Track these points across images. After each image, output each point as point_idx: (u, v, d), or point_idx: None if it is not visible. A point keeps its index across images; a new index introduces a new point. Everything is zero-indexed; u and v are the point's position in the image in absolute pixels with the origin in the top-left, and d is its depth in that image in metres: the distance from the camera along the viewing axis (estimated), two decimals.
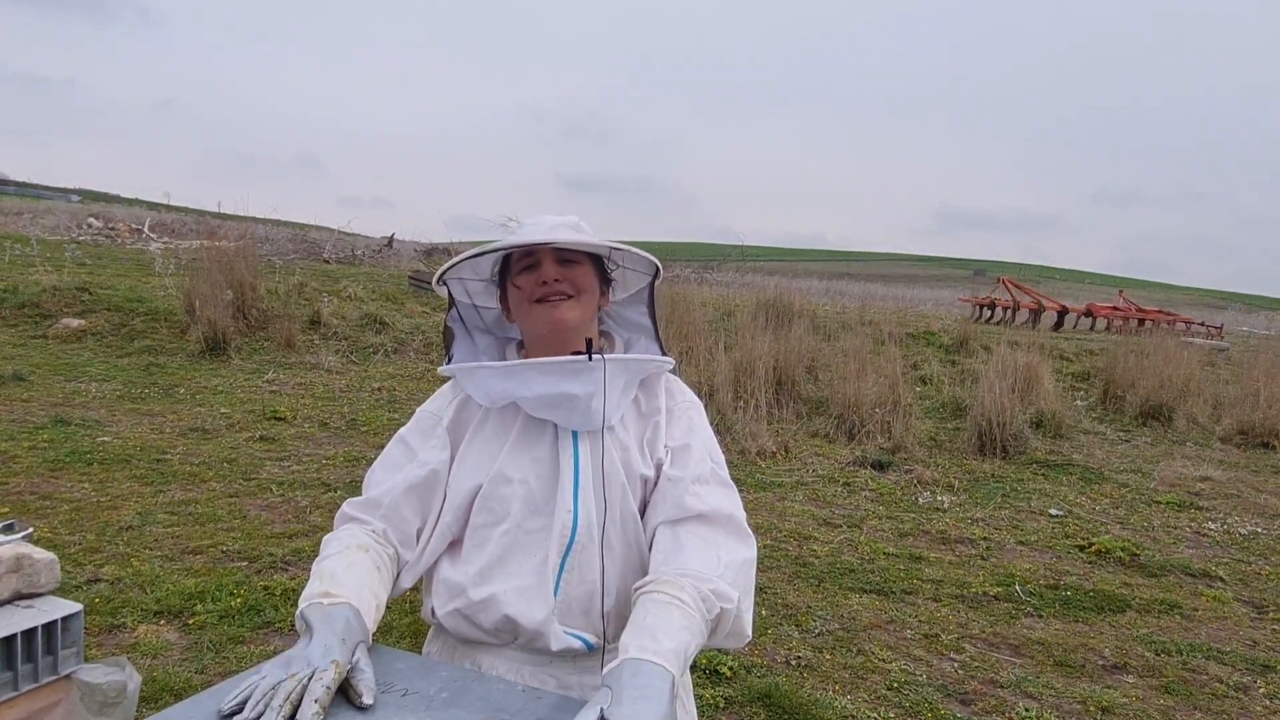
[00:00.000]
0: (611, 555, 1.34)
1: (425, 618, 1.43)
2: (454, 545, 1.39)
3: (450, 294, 1.47)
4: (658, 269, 1.46)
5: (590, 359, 1.33)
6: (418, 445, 1.40)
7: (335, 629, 1.12)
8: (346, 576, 1.23)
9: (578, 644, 1.33)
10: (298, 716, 1.00)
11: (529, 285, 1.38)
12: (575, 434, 1.37)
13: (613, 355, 1.36)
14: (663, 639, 1.11)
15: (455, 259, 1.42)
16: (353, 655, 1.11)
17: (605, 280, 1.47)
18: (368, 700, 1.07)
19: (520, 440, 1.37)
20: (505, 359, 1.46)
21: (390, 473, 1.39)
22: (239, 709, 1.01)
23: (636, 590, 1.24)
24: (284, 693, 1.02)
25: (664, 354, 1.47)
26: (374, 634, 1.23)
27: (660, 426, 1.41)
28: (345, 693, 1.08)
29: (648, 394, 1.45)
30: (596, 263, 1.44)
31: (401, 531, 1.36)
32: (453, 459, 1.39)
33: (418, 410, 1.45)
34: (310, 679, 1.04)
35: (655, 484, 1.38)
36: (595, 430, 1.37)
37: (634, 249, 1.41)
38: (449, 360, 1.46)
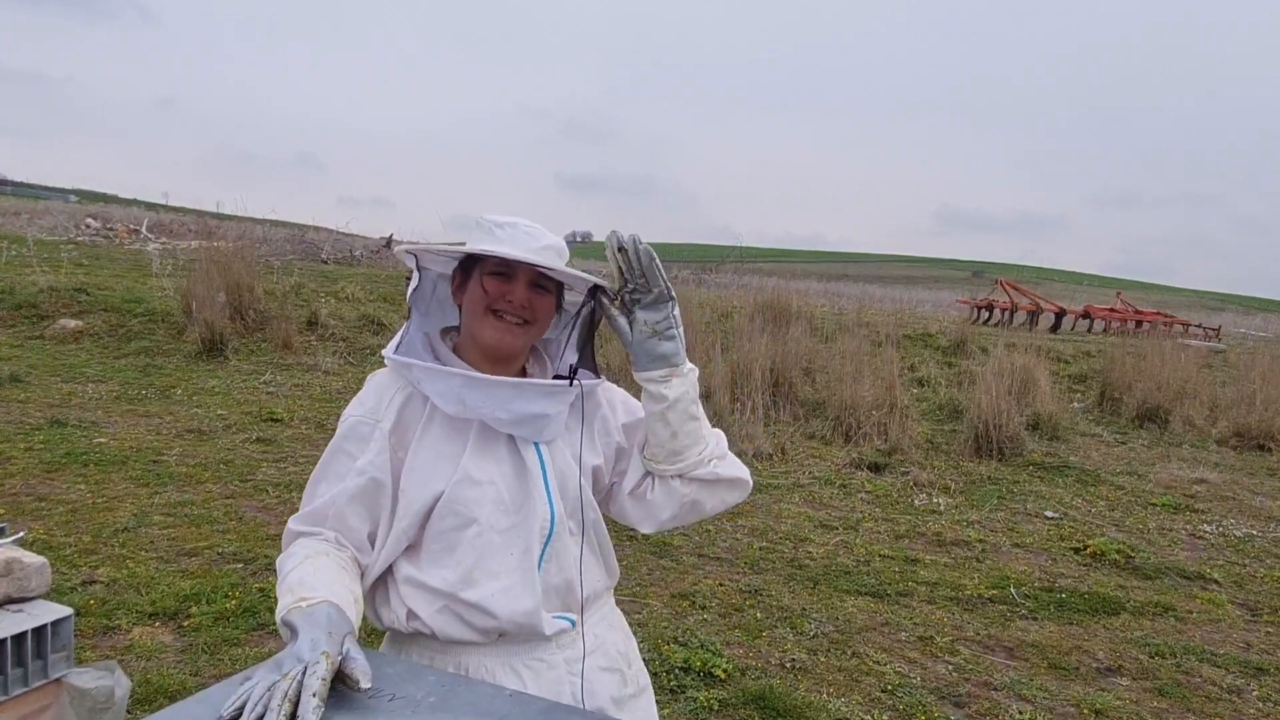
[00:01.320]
0: (577, 542, 1.44)
1: (394, 625, 1.40)
2: (411, 549, 1.39)
3: (418, 264, 1.46)
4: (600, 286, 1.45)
5: (571, 384, 1.40)
6: (356, 452, 1.37)
7: (319, 624, 1.12)
8: (316, 579, 1.22)
9: (566, 624, 1.41)
10: (299, 713, 1.01)
11: (496, 294, 1.39)
12: None
13: (589, 381, 1.44)
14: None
15: (441, 246, 1.43)
16: (342, 646, 1.11)
17: (560, 301, 1.50)
18: (365, 684, 1.08)
19: (480, 443, 1.39)
20: (434, 349, 1.45)
21: (331, 485, 1.37)
22: (237, 714, 1.01)
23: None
24: (281, 692, 1.02)
25: (596, 369, 1.50)
26: (361, 631, 1.23)
27: (607, 419, 1.52)
28: (344, 682, 1.09)
29: (586, 395, 1.51)
30: (559, 286, 1.47)
31: (352, 539, 1.36)
32: (401, 460, 1.38)
33: (348, 415, 1.41)
34: (304, 674, 1.04)
35: (615, 462, 1.53)
36: (553, 439, 1.44)
37: (602, 282, 1.41)
38: (401, 349, 1.41)
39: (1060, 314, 19.94)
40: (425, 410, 1.40)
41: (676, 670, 3.36)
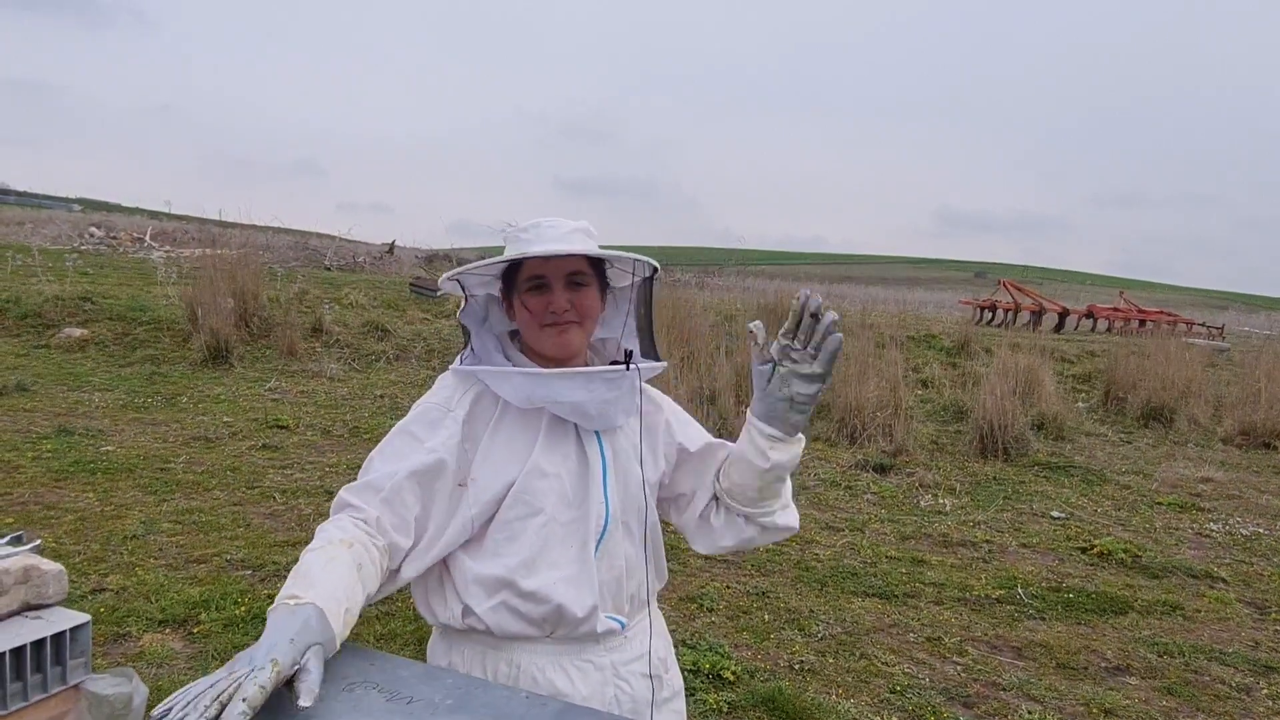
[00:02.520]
0: (633, 542, 1.46)
1: (449, 622, 1.41)
2: (471, 543, 1.40)
3: (463, 287, 1.50)
4: (656, 269, 1.51)
5: (627, 369, 1.43)
6: (424, 435, 1.39)
7: (287, 630, 1.08)
8: (320, 575, 1.19)
9: (616, 625, 1.43)
10: (224, 715, 0.96)
11: (539, 309, 1.43)
12: (597, 431, 1.47)
13: (645, 364, 1.46)
14: None
15: (474, 264, 1.45)
16: (302, 656, 1.06)
17: (605, 288, 1.52)
18: (304, 702, 1.02)
19: (549, 437, 1.43)
20: (507, 354, 1.49)
21: (388, 461, 1.37)
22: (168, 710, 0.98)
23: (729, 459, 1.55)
24: (215, 692, 0.98)
25: (655, 352, 1.56)
26: (374, 641, 1.24)
27: (669, 425, 1.57)
28: (288, 693, 1.04)
29: (645, 397, 1.54)
30: (600, 274, 1.49)
31: (399, 517, 1.33)
32: (470, 452, 1.40)
33: (420, 404, 1.44)
34: (245, 678, 1.00)
35: (677, 466, 1.57)
36: (615, 428, 1.48)
37: (643, 258, 1.47)
38: (468, 360, 1.47)
39: (1063, 314, 19.91)
40: (497, 407, 1.43)
41: (685, 672, 3.34)
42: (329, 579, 1.19)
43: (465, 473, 1.39)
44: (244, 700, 0.97)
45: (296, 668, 1.05)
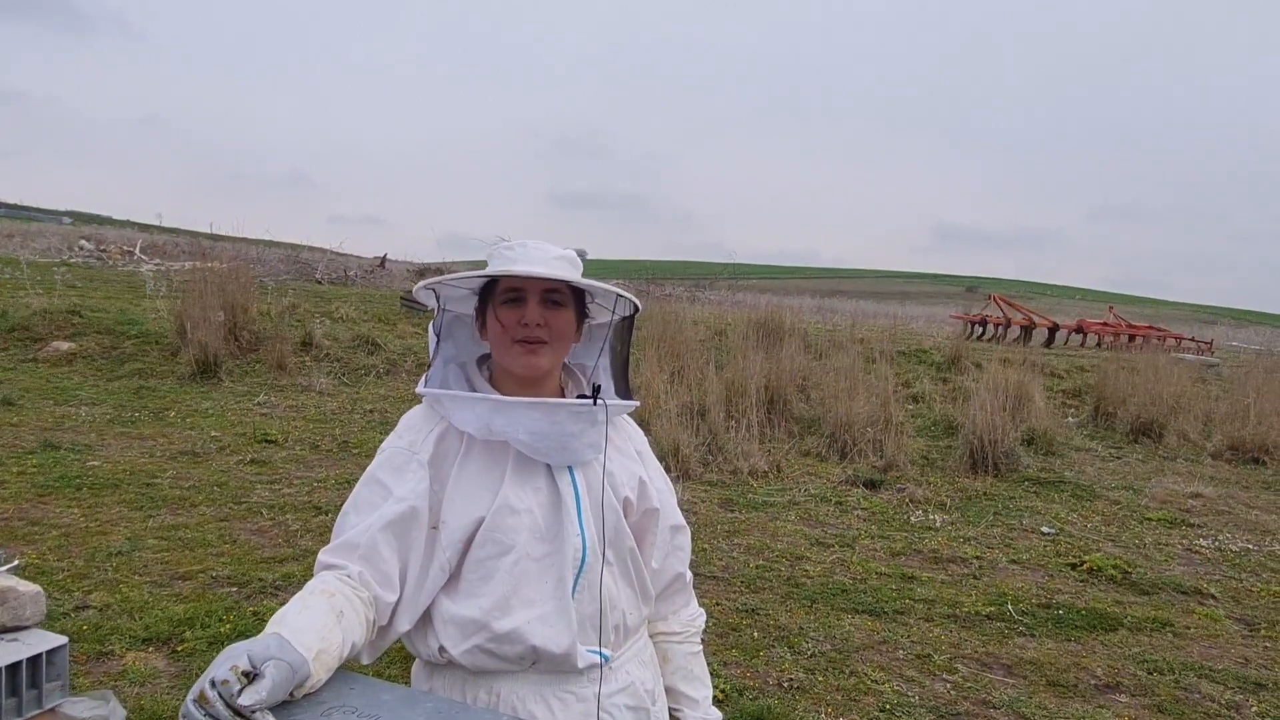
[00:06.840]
0: (612, 572, 1.42)
1: (428, 658, 1.40)
2: (450, 582, 1.38)
3: (438, 298, 1.48)
4: (637, 307, 1.50)
5: (595, 403, 1.39)
6: (392, 483, 1.37)
7: (239, 651, 1.07)
8: (292, 617, 1.18)
9: (597, 659, 1.40)
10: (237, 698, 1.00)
11: (511, 323, 1.40)
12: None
13: (614, 401, 1.43)
14: (708, 686, 1.63)
15: (454, 275, 1.43)
16: (261, 666, 1.05)
17: (583, 317, 1.50)
18: (244, 701, 1.02)
19: (517, 471, 1.39)
20: (471, 382, 1.47)
21: (365, 514, 1.35)
22: None
23: (677, 637, 1.61)
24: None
25: (629, 391, 1.54)
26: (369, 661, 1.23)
27: (639, 457, 1.55)
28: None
29: (613, 425, 1.51)
30: (579, 301, 1.47)
31: (380, 572, 1.32)
32: (439, 493, 1.37)
33: (385, 447, 1.42)
34: (206, 685, 1.01)
35: (644, 510, 1.52)
36: (582, 463, 1.44)
37: (625, 294, 1.45)
38: (431, 382, 1.44)
39: (1053, 329, 20.00)
40: (462, 444, 1.40)
41: None
42: (299, 622, 1.17)
43: (437, 515, 1.37)
44: (219, 695, 1.00)
45: (253, 670, 1.05)
